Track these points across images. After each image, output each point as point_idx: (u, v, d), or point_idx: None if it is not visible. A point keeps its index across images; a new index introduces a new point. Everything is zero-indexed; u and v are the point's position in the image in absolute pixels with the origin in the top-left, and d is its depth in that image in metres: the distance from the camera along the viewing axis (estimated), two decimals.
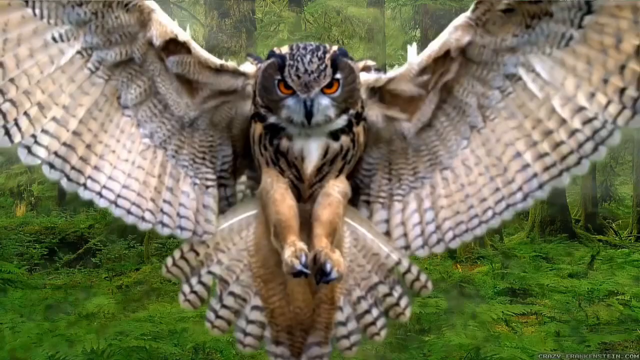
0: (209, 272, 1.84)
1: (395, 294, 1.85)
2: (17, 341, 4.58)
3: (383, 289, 1.85)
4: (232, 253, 1.85)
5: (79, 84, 1.67)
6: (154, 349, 4.60)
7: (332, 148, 1.73)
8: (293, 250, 1.63)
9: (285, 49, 1.68)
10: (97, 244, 9.16)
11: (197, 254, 1.83)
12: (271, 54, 1.70)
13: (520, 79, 1.68)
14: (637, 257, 9.90)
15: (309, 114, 1.65)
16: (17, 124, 1.59)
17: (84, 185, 1.72)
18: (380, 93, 1.78)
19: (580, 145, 1.64)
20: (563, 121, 1.64)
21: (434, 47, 1.70)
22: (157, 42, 1.68)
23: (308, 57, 1.63)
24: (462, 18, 1.66)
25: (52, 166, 1.66)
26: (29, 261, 8.57)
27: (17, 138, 1.60)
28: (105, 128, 1.72)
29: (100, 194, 1.73)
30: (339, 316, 1.84)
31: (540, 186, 1.70)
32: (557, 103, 1.64)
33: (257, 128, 1.75)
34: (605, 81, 1.58)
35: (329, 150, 1.73)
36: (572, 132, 1.64)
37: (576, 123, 1.63)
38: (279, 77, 1.66)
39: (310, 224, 1.75)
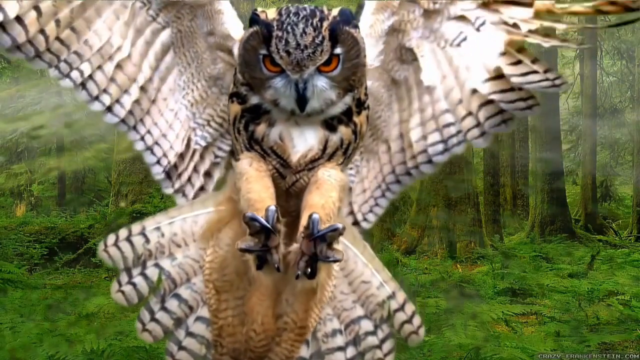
0: (157, 266, 1.56)
1: (380, 335, 1.57)
2: (17, 341, 4.57)
3: (366, 326, 1.57)
4: (190, 251, 1.56)
5: (144, 33, 1.60)
6: (154, 349, 4.59)
7: (332, 141, 1.47)
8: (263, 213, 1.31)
9: (272, 14, 1.38)
10: (97, 244, 9.15)
11: (147, 240, 1.56)
12: (254, 20, 1.38)
13: (415, 59, 1.60)
14: (637, 257, 9.91)
15: (301, 98, 1.37)
16: (94, 81, 1.57)
17: (135, 128, 1.63)
18: None
19: (432, 144, 1.62)
20: (431, 117, 1.62)
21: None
22: None
23: (301, 26, 1.33)
24: None
25: (110, 110, 1.60)
26: (29, 261, 8.56)
27: (94, 92, 1.58)
28: (162, 76, 1.65)
29: (143, 138, 1.64)
30: (303, 350, 1.53)
31: (397, 180, 1.68)
32: (431, 99, 1.61)
33: (234, 109, 1.48)
34: (474, 91, 1.55)
35: (328, 144, 1.47)
36: (432, 131, 1.62)
37: (439, 123, 1.61)
38: (264, 51, 1.37)
39: (295, 227, 1.40)
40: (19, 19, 1.44)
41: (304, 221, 1.35)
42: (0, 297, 5.93)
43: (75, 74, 1.55)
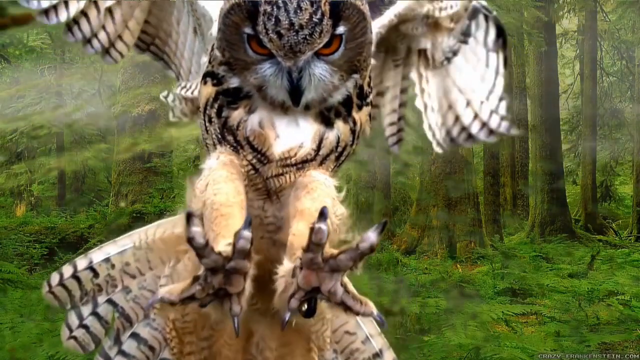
0: (110, 302, 1.35)
1: None
2: (17, 341, 4.57)
3: None
4: (147, 280, 1.35)
5: (182, 16, 1.48)
6: None
7: (328, 140, 1.18)
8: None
9: None
10: (97, 244, 9.15)
11: (96, 274, 1.35)
12: None
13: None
14: (637, 257, 9.93)
15: (295, 90, 1.11)
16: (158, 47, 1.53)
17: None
18: None
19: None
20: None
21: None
22: None
23: (294, 0, 1.06)
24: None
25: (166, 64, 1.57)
26: (29, 261, 8.56)
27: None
28: (196, 59, 1.54)
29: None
30: None
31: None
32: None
33: (206, 91, 1.20)
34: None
35: (323, 143, 1.18)
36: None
37: (394, 105, 1.54)
38: (249, 30, 1.09)
39: (276, 253, 1.13)
40: (85, 15, 1.37)
41: (299, 239, 1.01)
42: (0, 297, 5.93)
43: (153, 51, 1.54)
